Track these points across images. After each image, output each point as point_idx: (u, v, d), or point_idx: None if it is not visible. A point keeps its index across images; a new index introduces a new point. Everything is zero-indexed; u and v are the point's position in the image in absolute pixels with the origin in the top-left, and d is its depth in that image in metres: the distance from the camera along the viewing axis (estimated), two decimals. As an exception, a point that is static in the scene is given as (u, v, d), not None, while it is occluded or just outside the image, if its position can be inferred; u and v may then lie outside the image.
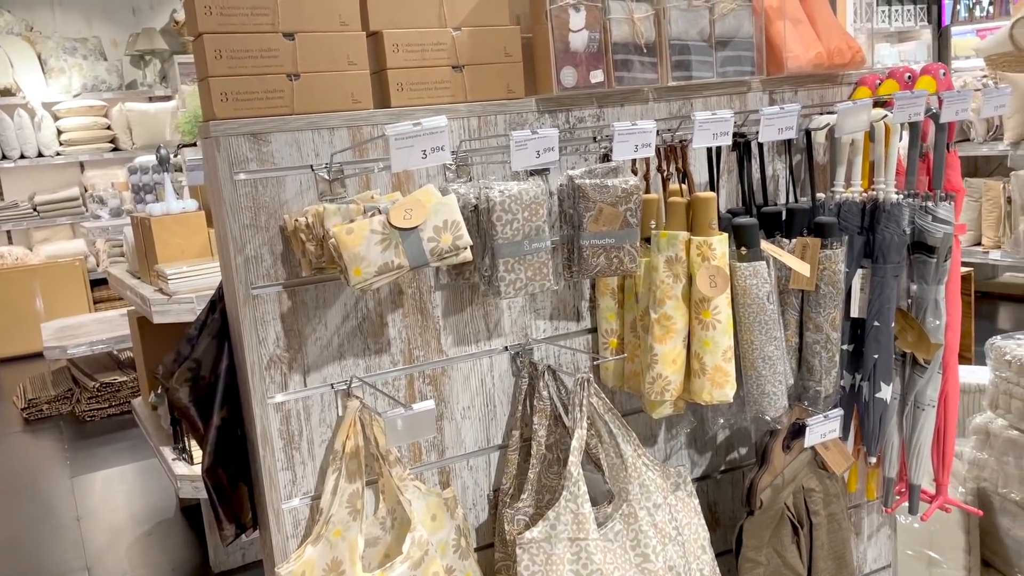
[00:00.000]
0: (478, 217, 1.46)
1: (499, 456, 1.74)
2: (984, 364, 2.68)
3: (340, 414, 1.59)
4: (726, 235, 1.58)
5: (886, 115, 1.78)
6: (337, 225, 1.28)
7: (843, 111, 1.64)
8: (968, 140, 5.71)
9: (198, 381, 1.55)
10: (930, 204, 1.83)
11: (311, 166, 1.52)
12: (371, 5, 1.57)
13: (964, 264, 5.23)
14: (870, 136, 1.85)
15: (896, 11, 10.75)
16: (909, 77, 1.93)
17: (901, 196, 1.80)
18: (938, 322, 1.87)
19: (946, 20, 11.47)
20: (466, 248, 1.27)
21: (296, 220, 1.42)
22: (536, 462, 1.63)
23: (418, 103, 1.60)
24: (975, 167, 6.00)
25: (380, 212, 1.27)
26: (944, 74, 1.90)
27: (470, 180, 1.59)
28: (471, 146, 1.62)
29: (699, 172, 1.86)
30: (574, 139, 1.69)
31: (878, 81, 1.98)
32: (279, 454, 1.55)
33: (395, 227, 1.21)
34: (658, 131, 1.69)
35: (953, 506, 2.10)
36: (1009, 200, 5.28)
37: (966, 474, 2.64)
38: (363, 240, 1.20)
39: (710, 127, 1.52)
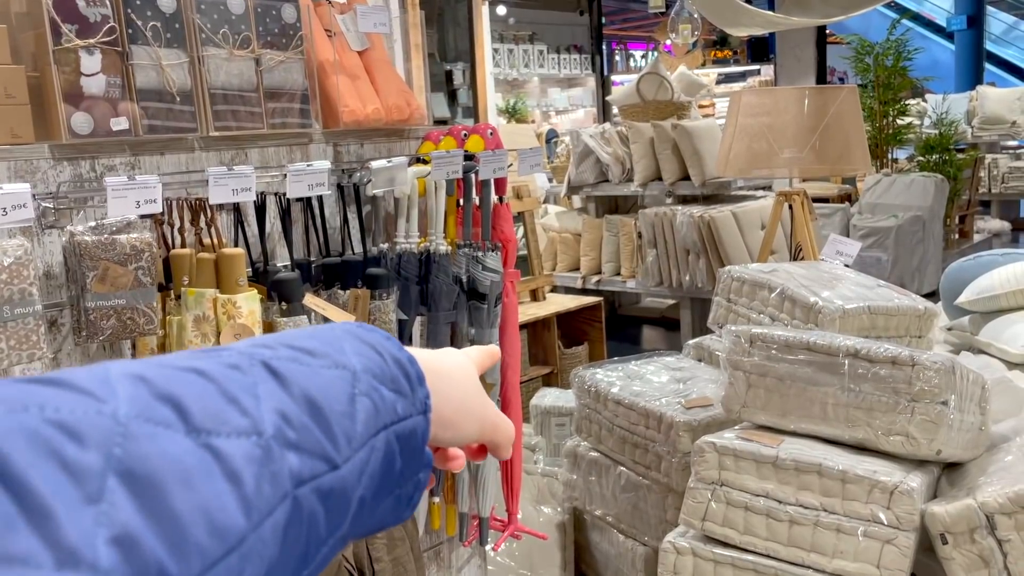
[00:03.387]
0: (-54, 281, 1.29)
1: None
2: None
3: None
4: (255, 291, 1.55)
5: (429, 172, 1.87)
6: None
7: (376, 169, 1.69)
8: (607, 181, 6.35)
9: None
10: (480, 254, 1.95)
11: None
12: None
13: (600, 293, 5.78)
14: (424, 190, 1.94)
15: (565, 59, 11.84)
16: (465, 134, 2.06)
17: (447, 247, 1.91)
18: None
19: (607, 69, 12.87)
20: None
21: None
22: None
23: None
24: (615, 205, 6.68)
25: None
26: (491, 134, 2.05)
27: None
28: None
29: (254, 224, 1.82)
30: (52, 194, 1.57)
31: (441, 137, 2.09)
32: None
33: None
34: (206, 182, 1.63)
35: (522, 532, 2.25)
36: (640, 235, 5.94)
37: (562, 494, 2.87)
38: None
39: (228, 182, 1.48)
